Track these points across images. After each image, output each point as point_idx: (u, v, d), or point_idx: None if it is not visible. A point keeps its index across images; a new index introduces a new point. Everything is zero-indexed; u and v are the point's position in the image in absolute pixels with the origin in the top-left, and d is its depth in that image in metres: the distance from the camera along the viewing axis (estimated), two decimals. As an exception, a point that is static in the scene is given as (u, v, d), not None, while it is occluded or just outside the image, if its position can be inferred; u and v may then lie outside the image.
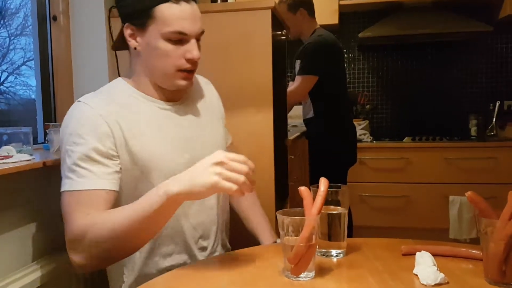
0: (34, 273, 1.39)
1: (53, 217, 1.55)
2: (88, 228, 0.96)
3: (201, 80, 1.36)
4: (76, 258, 0.99)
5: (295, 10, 2.74)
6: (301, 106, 3.96)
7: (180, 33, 1.08)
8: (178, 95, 1.22)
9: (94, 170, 1.02)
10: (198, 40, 1.14)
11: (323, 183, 0.92)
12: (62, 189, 1.03)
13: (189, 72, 1.14)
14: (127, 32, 1.13)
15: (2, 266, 1.31)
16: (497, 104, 3.58)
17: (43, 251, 1.50)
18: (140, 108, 1.14)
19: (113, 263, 1.13)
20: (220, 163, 0.89)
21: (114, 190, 1.05)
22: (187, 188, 0.90)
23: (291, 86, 2.72)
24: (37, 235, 1.48)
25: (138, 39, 1.12)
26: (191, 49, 1.10)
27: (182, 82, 1.14)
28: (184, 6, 1.08)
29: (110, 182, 1.04)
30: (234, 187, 0.88)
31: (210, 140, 1.23)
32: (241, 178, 0.88)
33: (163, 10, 1.06)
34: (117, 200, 1.07)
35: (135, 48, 1.14)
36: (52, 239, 1.55)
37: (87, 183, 1.01)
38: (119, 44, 1.23)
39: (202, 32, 1.14)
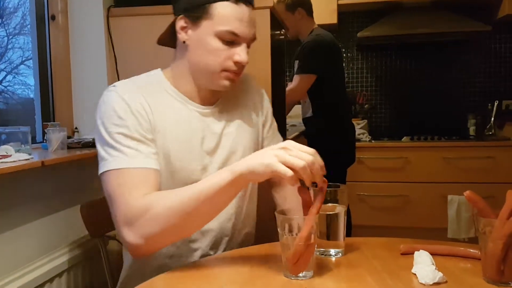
0: (30, 274, 1.39)
1: (51, 217, 1.55)
2: (151, 205, 0.94)
3: (245, 81, 1.30)
4: (132, 238, 0.96)
5: (294, 10, 2.74)
6: (298, 106, 3.96)
7: (234, 34, 1.06)
8: (214, 98, 1.18)
9: (140, 149, 1.02)
10: (248, 45, 1.12)
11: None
12: (107, 168, 1.00)
13: (235, 73, 1.12)
14: (180, 24, 1.10)
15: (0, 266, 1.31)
16: (496, 104, 3.58)
17: (42, 250, 1.49)
18: (171, 105, 1.12)
19: (167, 245, 1.08)
20: (284, 148, 0.88)
21: (159, 171, 1.04)
22: (249, 167, 0.90)
23: (290, 85, 2.73)
24: (36, 235, 1.47)
25: (190, 32, 1.10)
26: (241, 53, 1.09)
27: (225, 82, 1.11)
28: (242, 8, 1.07)
29: (156, 161, 1.04)
30: (289, 172, 0.86)
31: (233, 151, 1.19)
32: (301, 163, 0.85)
33: (221, 8, 1.05)
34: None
35: (184, 42, 1.11)
36: (51, 239, 1.55)
37: (137, 161, 1.00)
38: (165, 38, 1.19)
39: (254, 39, 1.13)
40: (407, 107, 3.96)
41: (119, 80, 1.91)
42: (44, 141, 1.71)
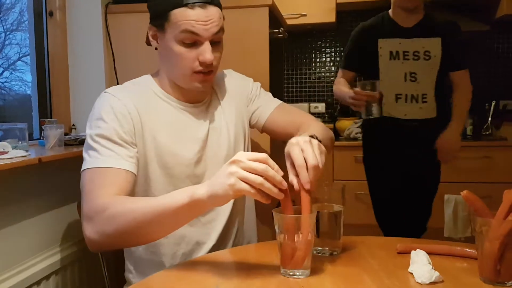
0: (27, 271, 1.39)
1: (48, 214, 1.55)
2: (110, 205, 0.96)
3: (223, 75, 1.36)
4: (90, 232, 0.98)
5: None
6: (295, 105, 3.96)
7: (190, 32, 1.08)
8: (198, 97, 1.23)
9: (117, 151, 1.06)
10: (217, 42, 1.14)
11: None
12: (84, 167, 1.05)
13: (205, 74, 1.14)
14: (150, 32, 1.17)
15: (-3, 262, 1.30)
16: (493, 104, 3.58)
17: (39, 247, 1.49)
18: (159, 105, 1.18)
19: (122, 248, 1.14)
20: (235, 162, 0.84)
21: (134, 173, 1.08)
22: (209, 191, 0.86)
23: (462, 87, 2.44)
24: (33, 232, 1.47)
25: (159, 40, 1.16)
26: (204, 52, 1.11)
27: (197, 84, 1.16)
28: (197, 10, 1.08)
29: (131, 164, 1.07)
30: (252, 190, 0.82)
31: (221, 145, 1.23)
32: (258, 179, 0.82)
33: (177, 14, 1.08)
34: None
35: (156, 48, 1.19)
36: (48, 236, 1.54)
37: (111, 161, 1.04)
38: (149, 40, 1.25)
39: (219, 34, 1.13)
40: (404, 106, 3.96)
41: (116, 77, 1.92)
42: (41, 138, 1.71)
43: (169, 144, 1.15)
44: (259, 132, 1.39)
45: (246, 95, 1.35)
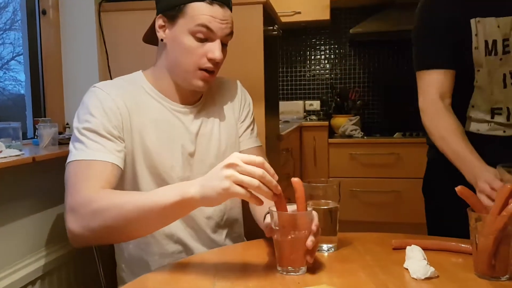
0: (21, 271, 1.38)
1: (42, 214, 1.54)
2: (95, 199, 0.94)
3: (228, 82, 1.35)
4: (73, 226, 0.95)
5: None
6: (290, 102, 3.97)
7: (206, 27, 1.09)
8: (194, 98, 1.22)
9: (104, 144, 1.05)
10: (224, 45, 1.15)
11: (297, 182, 0.91)
12: (69, 159, 1.04)
13: (209, 72, 1.14)
14: (158, 22, 1.15)
15: (-8, 262, 1.30)
16: None
17: (32, 247, 1.49)
18: (149, 104, 1.16)
19: (106, 243, 1.13)
20: (232, 165, 0.82)
21: (120, 167, 1.06)
22: (201, 192, 0.85)
23: None
24: (26, 232, 1.47)
25: (167, 31, 1.14)
26: (214, 49, 1.11)
27: (199, 83, 1.14)
28: (216, 8, 1.09)
29: (118, 157, 1.06)
30: (247, 193, 0.82)
31: (208, 151, 1.22)
32: (255, 182, 0.81)
33: (195, 6, 1.09)
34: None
35: (161, 40, 1.15)
36: (42, 236, 1.54)
37: (98, 154, 1.03)
38: (149, 36, 1.24)
39: (229, 37, 1.15)
40: (399, 104, 3.97)
41: (110, 75, 1.91)
42: (35, 137, 1.70)
43: (156, 146, 1.14)
44: None
45: (242, 112, 1.33)
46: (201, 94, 1.25)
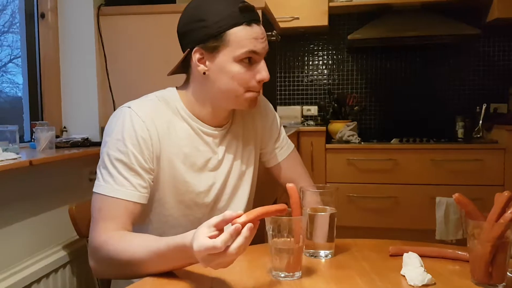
0: (18, 274, 1.37)
1: (39, 217, 1.54)
2: (106, 244, 0.98)
3: (261, 104, 1.32)
4: (92, 264, 1.03)
5: None
6: (288, 107, 3.98)
7: (254, 52, 1.07)
8: (224, 120, 1.20)
9: (132, 181, 1.04)
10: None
11: (292, 188, 0.92)
12: (97, 189, 1.05)
13: (257, 93, 1.13)
14: (196, 56, 1.09)
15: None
16: (484, 107, 3.61)
17: (30, 250, 1.48)
18: (180, 127, 1.14)
19: (124, 279, 1.13)
20: (214, 256, 0.79)
21: (142, 204, 1.07)
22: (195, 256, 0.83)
23: None
24: (23, 235, 1.46)
25: (208, 63, 1.09)
26: (262, 70, 1.10)
27: (252, 104, 1.14)
28: (254, 28, 1.07)
29: (142, 196, 1.06)
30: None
31: (234, 173, 1.22)
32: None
33: (237, 33, 1.05)
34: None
35: (204, 73, 1.10)
36: (39, 239, 1.53)
37: (124, 192, 1.03)
38: (176, 70, 1.19)
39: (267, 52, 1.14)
40: (396, 110, 3.98)
41: (108, 79, 1.91)
42: (32, 140, 1.70)
43: (182, 172, 1.13)
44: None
45: (269, 132, 1.32)
46: (231, 117, 1.22)
